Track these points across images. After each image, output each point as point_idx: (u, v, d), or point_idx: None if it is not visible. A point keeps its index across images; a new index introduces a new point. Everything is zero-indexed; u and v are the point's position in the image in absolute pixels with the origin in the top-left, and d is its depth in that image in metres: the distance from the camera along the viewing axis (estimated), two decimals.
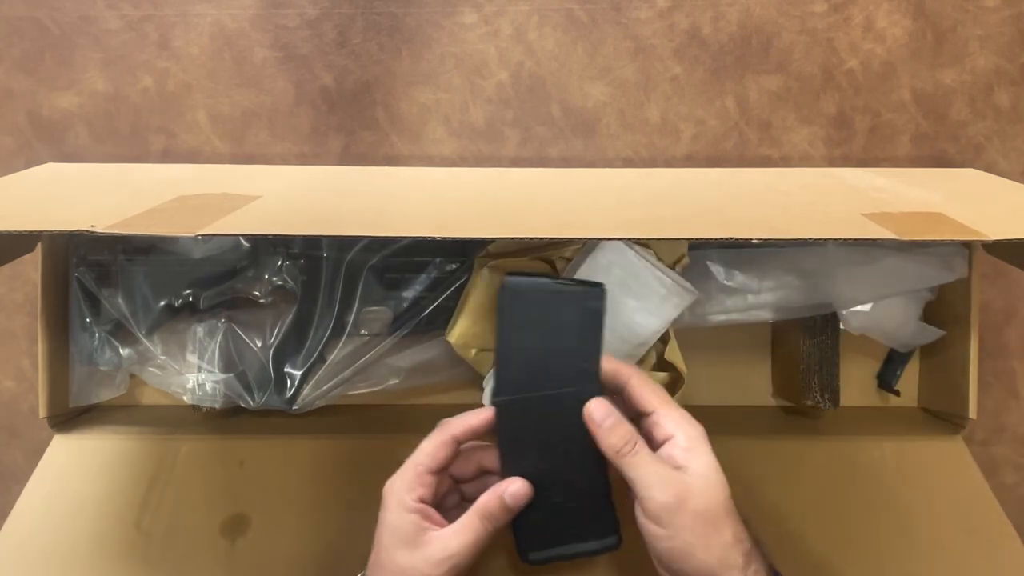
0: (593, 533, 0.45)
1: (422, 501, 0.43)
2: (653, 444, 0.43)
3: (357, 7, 0.69)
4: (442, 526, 0.43)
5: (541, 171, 0.64)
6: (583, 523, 0.44)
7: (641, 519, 0.42)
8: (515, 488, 0.43)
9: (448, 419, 0.45)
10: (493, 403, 0.44)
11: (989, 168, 0.69)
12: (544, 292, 0.43)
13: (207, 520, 0.56)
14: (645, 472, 0.41)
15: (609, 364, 0.44)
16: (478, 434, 0.44)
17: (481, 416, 0.44)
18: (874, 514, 0.57)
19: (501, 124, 0.69)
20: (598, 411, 0.43)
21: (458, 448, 0.44)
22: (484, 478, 0.46)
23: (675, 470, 0.41)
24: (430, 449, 0.43)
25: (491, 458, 0.46)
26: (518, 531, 0.45)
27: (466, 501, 0.46)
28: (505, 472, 0.44)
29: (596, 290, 0.44)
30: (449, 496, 0.46)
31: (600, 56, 0.69)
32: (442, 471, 0.44)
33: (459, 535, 0.42)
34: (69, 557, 0.54)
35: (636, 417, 0.44)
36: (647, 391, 0.43)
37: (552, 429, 0.43)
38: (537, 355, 0.43)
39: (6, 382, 0.70)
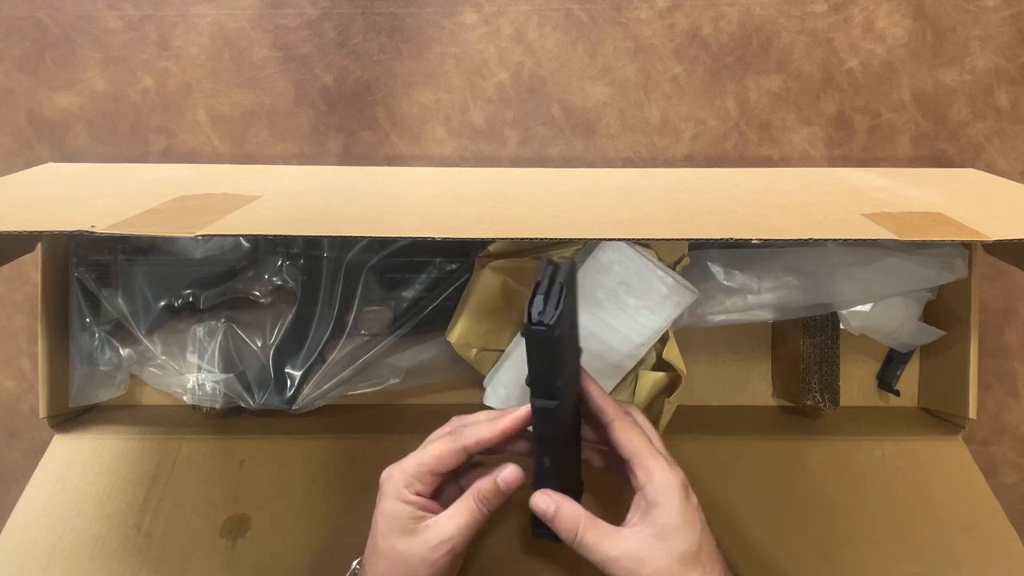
0: None
1: (419, 495, 0.43)
2: (632, 489, 0.43)
3: (357, 7, 0.69)
4: (437, 513, 0.43)
5: (541, 171, 0.64)
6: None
7: None
8: (507, 473, 0.44)
9: (461, 420, 0.45)
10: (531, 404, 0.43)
11: (989, 168, 0.69)
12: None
13: (207, 520, 0.56)
14: (596, 555, 0.41)
15: (599, 400, 0.44)
16: (490, 447, 0.44)
17: (495, 430, 0.43)
18: (874, 514, 0.57)
19: (501, 124, 0.69)
20: (538, 505, 0.43)
21: (468, 458, 0.44)
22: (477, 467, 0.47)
23: (627, 533, 0.42)
24: (437, 452, 0.43)
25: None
26: None
27: (460, 488, 0.46)
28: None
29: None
30: (446, 485, 0.47)
31: (600, 56, 0.69)
32: (445, 474, 0.44)
33: (454, 518, 0.43)
34: (69, 557, 0.54)
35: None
36: (623, 438, 0.43)
37: (538, 433, 0.43)
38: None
39: (6, 382, 0.70)
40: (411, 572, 0.42)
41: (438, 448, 0.43)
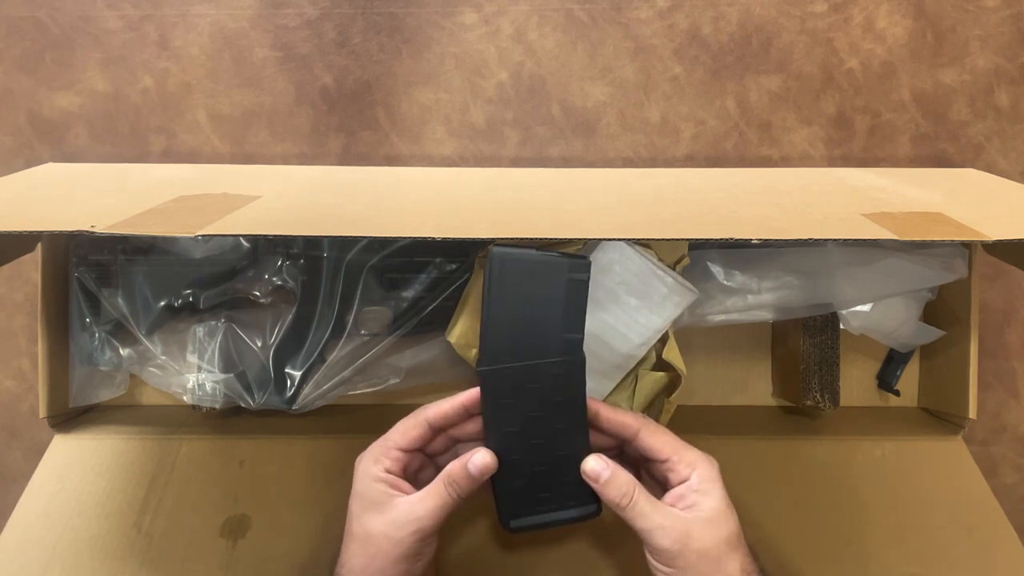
0: (574, 501, 0.45)
1: (388, 472, 0.44)
2: (669, 485, 0.44)
3: (357, 7, 0.69)
4: (410, 494, 0.44)
5: (541, 171, 0.64)
6: (565, 491, 0.45)
7: (648, 558, 0.43)
8: (478, 458, 0.44)
9: (425, 405, 0.46)
10: (478, 372, 0.44)
11: (989, 168, 0.69)
12: (530, 262, 0.43)
13: (207, 521, 0.56)
14: (646, 522, 0.42)
15: (615, 416, 0.45)
16: (451, 420, 0.46)
17: (455, 402, 0.45)
18: (874, 514, 0.57)
19: (501, 124, 0.69)
20: (594, 468, 0.44)
21: (432, 433, 0.46)
22: (456, 448, 0.47)
23: (678, 512, 0.43)
24: (401, 428, 0.45)
25: (463, 431, 0.47)
26: (499, 499, 0.45)
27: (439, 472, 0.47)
28: (488, 440, 0.45)
29: (581, 262, 0.43)
30: (424, 470, 0.47)
31: (600, 56, 0.69)
32: (413, 450, 0.45)
33: (424, 500, 0.43)
34: (69, 558, 0.54)
35: (649, 461, 0.45)
36: (657, 441, 0.45)
37: (535, 399, 0.44)
38: (522, 326, 0.43)
39: (6, 382, 0.70)
40: (378, 550, 0.42)
41: (401, 424, 0.45)
